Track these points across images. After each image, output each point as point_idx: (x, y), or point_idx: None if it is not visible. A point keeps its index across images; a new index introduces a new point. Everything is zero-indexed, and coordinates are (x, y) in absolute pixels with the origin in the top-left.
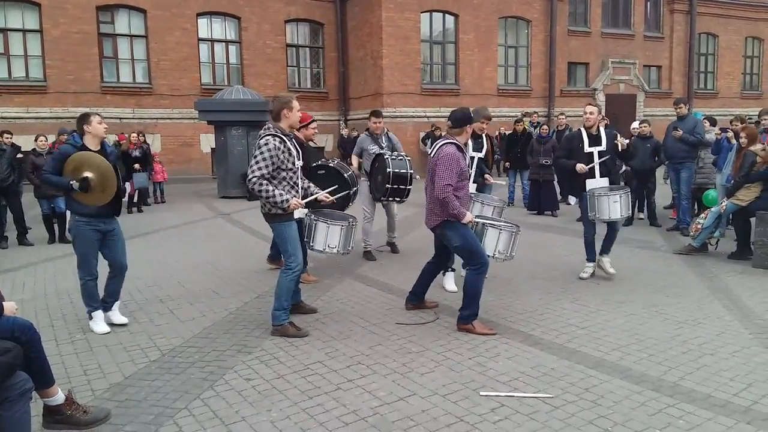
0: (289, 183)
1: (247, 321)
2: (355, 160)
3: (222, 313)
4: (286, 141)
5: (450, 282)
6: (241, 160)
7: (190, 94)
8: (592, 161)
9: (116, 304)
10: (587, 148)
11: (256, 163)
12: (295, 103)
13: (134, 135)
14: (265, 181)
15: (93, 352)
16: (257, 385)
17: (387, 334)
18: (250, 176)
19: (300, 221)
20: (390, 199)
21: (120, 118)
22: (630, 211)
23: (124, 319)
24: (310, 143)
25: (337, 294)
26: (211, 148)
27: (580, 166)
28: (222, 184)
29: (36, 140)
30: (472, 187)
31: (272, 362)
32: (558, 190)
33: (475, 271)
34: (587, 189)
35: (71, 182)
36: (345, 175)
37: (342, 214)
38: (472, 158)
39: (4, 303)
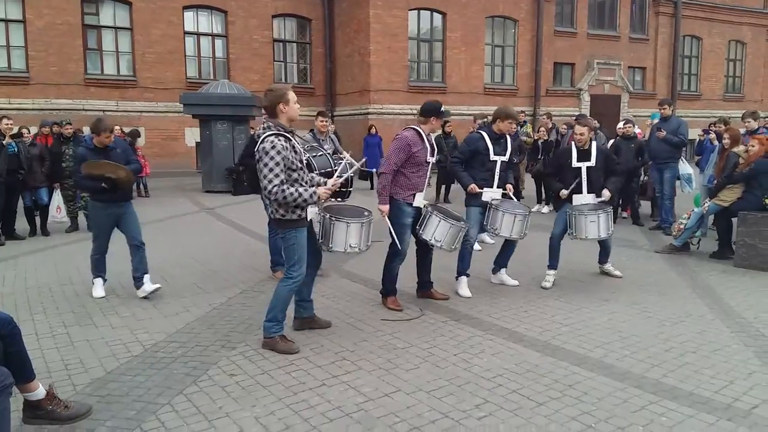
0: (301, 184)
1: (231, 316)
2: None
3: (206, 308)
4: (291, 138)
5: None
6: (226, 155)
7: (175, 88)
8: (580, 176)
9: (146, 277)
10: (575, 163)
11: (271, 170)
12: (292, 95)
13: (117, 128)
14: (285, 186)
15: (74, 346)
16: (241, 380)
17: (372, 330)
18: (270, 187)
19: (311, 223)
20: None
21: (103, 111)
22: (610, 231)
23: (155, 286)
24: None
25: (322, 290)
26: (196, 143)
27: (563, 192)
28: (207, 179)
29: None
30: (497, 193)
31: (256, 358)
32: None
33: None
34: (573, 204)
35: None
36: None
37: (356, 209)
38: (494, 162)
39: None
